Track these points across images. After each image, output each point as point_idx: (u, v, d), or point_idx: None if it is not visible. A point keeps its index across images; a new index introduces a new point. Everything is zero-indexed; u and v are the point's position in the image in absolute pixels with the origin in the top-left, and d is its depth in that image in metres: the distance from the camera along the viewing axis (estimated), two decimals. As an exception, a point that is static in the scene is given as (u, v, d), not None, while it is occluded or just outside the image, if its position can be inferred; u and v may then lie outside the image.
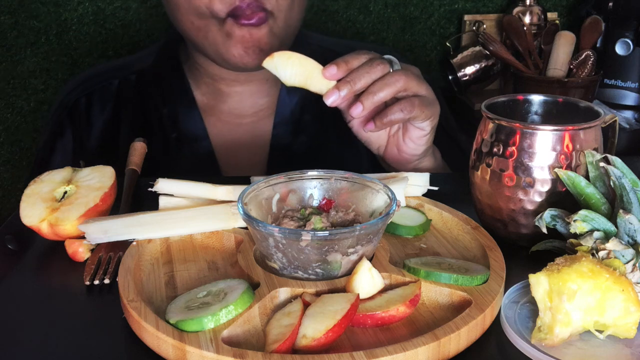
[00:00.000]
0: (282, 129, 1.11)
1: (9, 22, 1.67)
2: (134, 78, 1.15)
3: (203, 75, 1.11)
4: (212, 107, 1.12)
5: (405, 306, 0.58)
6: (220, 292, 0.59)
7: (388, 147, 0.95)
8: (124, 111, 1.14)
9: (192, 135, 1.10)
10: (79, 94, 1.15)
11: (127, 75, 1.16)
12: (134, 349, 0.56)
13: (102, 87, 1.15)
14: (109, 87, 1.15)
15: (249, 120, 1.12)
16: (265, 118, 1.12)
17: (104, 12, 1.70)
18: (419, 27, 1.82)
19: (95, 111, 1.14)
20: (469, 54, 1.72)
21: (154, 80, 1.14)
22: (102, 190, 0.75)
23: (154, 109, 1.12)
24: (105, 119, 1.13)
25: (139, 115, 1.13)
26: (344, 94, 0.81)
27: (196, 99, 1.12)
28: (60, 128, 1.14)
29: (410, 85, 0.85)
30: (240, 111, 1.12)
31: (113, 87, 1.15)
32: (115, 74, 1.16)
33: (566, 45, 1.41)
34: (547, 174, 0.68)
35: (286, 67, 0.82)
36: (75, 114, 1.14)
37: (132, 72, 1.16)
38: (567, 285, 0.54)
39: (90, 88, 1.15)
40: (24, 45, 1.70)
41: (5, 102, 1.73)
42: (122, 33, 1.72)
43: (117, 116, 1.13)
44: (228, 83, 1.11)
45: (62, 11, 1.69)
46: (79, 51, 1.72)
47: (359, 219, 0.67)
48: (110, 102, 1.14)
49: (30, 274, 0.70)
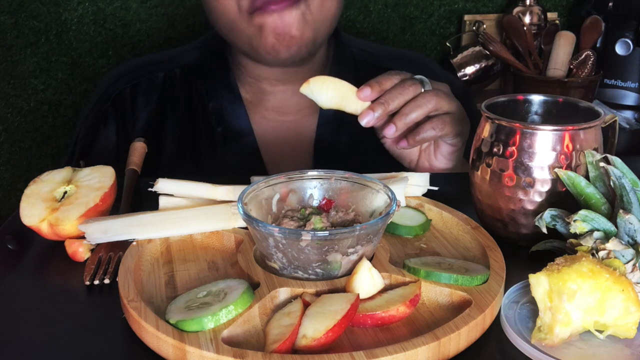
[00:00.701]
0: (326, 129, 1.12)
1: (9, 22, 1.67)
2: (178, 72, 1.15)
3: (246, 75, 1.12)
4: (256, 104, 1.13)
5: (405, 306, 0.58)
6: (220, 292, 0.59)
7: (419, 162, 0.98)
8: (169, 104, 1.14)
9: (238, 130, 1.11)
10: (124, 84, 1.15)
11: (172, 69, 1.16)
12: (134, 349, 0.56)
13: (147, 80, 1.15)
14: (154, 80, 1.15)
15: (293, 117, 1.13)
16: (309, 116, 1.13)
17: (104, 12, 1.70)
18: (419, 27, 1.82)
19: (140, 103, 1.14)
20: (469, 54, 1.72)
21: (200, 75, 1.14)
22: (102, 190, 0.75)
23: (200, 103, 1.13)
24: (150, 111, 1.14)
25: (185, 109, 1.13)
26: (377, 115, 0.86)
27: (242, 95, 1.12)
28: (104, 118, 1.14)
29: (441, 105, 0.89)
30: (284, 109, 1.13)
31: (158, 79, 1.15)
32: (159, 66, 1.16)
33: (566, 45, 1.41)
34: (547, 174, 0.68)
35: (321, 92, 0.86)
36: (120, 105, 1.14)
37: (177, 66, 1.16)
38: (567, 285, 0.54)
39: (135, 79, 1.15)
40: (24, 45, 1.70)
41: (5, 102, 1.73)
42: (122, 33, 1.72)
43: (162, 109, 1.14)
44: (271, 82, 1.12)
45: (62, 11, 1.69)
46: (79, 51, 1.72)
47: (359, 219, 0.67)
48: (155, 95, 1.14)
49: (30, 274, 0.70)
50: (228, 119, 1.11)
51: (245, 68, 1.12)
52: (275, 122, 1.13)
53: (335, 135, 1.13)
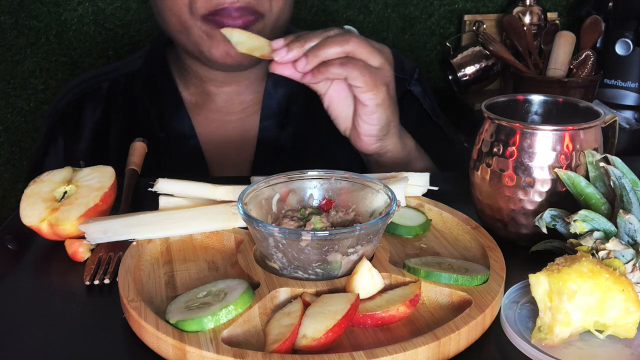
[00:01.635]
0: (269, 122, 1.12)
1: (9, 22, 1.67)
2: (123, 80, 1.16)
3: (192, 77, 1.12)
4: (200, 106, 1.13)
5: (405, 306, 0.58)
6: (220, 292, 0.59)
7: (352, 130, 0.94)
8: (114, 113, 1.14)
9: (180, 133, 1.11)
10: (70, 98, 1.16)
11: (117, 78, 1.16)
12: (134, 349, 0.56)
13: (92, 91, 1.16)
14: (99, 90, 1.15)
15: (237, 117, 1.13)
16: (253, 114, 1.13)
17: (104, 12, 1.70)
18: (419, 27, 1.82)
19: (86, 114, 1.14)
20: (469, 54, 1.72)
21: (143, 81, 1.14)
22: (102, 190, 0.75)
23: (143, 109, 1.13)
24: (96, 121, 1.14)
25: (128, 117, 1.14)
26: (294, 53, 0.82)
27: (184, 98, 1.12)
28: (53, 133, 1.15)
29: (361, 51, 0.84)
30: (228, 109, 1.13)
31: (103, 90, 1.16)
32: (104, 77, 1.17)
33: (566, 45, 1.41)
34: (547, 174, 0.68)
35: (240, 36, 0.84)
36: (67, 119, 1.15)
37: (122, 75, 1.17)
38: (567, 285, 0.54)
39: (80, 92, 1.16)
40: (24, 45, 1.70)
41: (5, 102, 1.73)
42: (122, 33, 1.72)
43: (107, 118, 1.14)
44: (216, 84, 1.11)
45: (62, 11, 1.69)
46: (79, 51, 1.72)
47: (359, 219, 0.67)
48: (101, 105, 1.15)
49: (30, 274, 0.70)
50: (170, 123, 1.11)
51: (191, 69, 1.11)
52: (219, 122, 1.12)
53: (279, 128, 1.11)
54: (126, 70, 1.17)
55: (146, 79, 1.14)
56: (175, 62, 1.13)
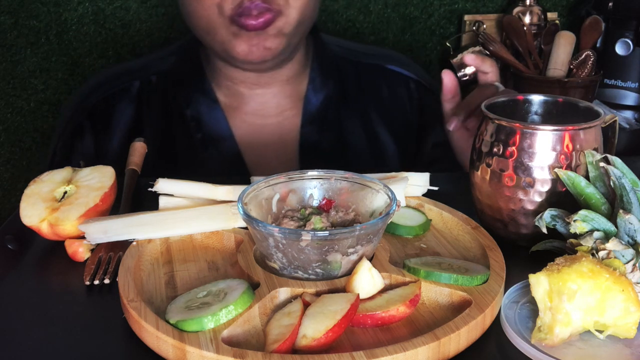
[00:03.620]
0: (310, 128, 1.12)
1: (9, 22, 1.67)
2: (154, 79, 1.15)
3: (223, 79, 1.12)
4: (235, 108, 1.12)
5: (405, 306, 0.58)
6: (220, 292, 0.59)
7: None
8: (146, 113, 1.13)
9: (217, 135, 1.10)
10: (99, 96, 1.14)
11: (148, 77, 1.15)
12: (134, 349, 0.56)
13: (122, 89, 1.14)
14: (130, 89, 1.14)
15: (275, 120, 1.13)
16: (292, 117, 1.13)
17: (104, 12, 1.70)
18: (419, 27, 1.82)
19: (116, 113, 1.13)
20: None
21: (176, 81, 1.14)
22: (102, 190, 0.75)
23: (177, 110, 1.12)
24: (127, 121, 1.13)
25: (163, 117, 1.13)
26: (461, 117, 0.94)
27: (219, 99, 1.12)
28: (80, 131, 1.13)
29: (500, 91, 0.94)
30: (265, 112, 1.13)
31: (134, 88, 1.14)
32: (135, 75, 1.16)
33: (566, 45, 1.41)
34: (547, 174, 0.68)
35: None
36: (96, 117, 1.13)
37: (152, 74, 1.15)
38: (567, 285, 0.54)
39: (110, 90, 1.14)
40: (24, 45, 1.70)
41: (5, 102, 1.72)
42: (122, 33, 1.72)
43: (139, 118, 1.13)
44: (248, 86, 1.11)
45: (62, 11, 1.68)
46: (79, 51, 1.72)
47: (359, 219, 0.67)
48: (132, 104, 1.14)
49: (30, 274, 0.70)
50: (206, 124, 1.11)
51: (222, 71, 1.11)
52: (257, 125, 1.12)
53: (320, 133, 1.12)
54: (157, 69, 1.16)
55: (180, 80, 1.14)
56: (207, 63, 1.13)
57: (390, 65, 1.21)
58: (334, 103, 1.14)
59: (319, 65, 1.15)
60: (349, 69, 1.19)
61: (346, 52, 1.21)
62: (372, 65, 1.20)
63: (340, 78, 1.17)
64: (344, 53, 1.20)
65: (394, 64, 1.22)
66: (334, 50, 1.19)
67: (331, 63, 1.17)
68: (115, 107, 1.13)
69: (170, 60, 1.17)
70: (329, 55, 1.18)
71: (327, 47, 1.18)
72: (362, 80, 1.19)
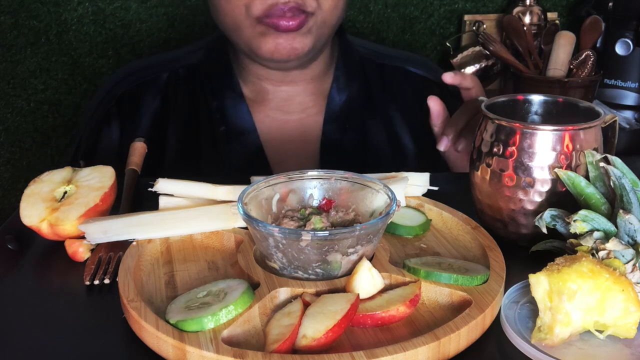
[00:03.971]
0: (332, 126, 1.13)
1: (9, 22, 1.67)
2: (182, 72, 1.16)
3: (249, 75, 1.13)
4: (260, 103, 1.13)
5: (405, 306, 0.58)
6: (220, 292, 0.59)
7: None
8: (173, 104, 1.14)
9: (240, 128, 1.11)
10: (128, 85, 1.15)
11: (176, 69, 1.16)
12: (134, 349, 0.56)
13: (151, 80, 1.15)
14: (158, 80, 1.15)
15: (298, 116, 1.13)
16: (314, 115, 1.14)
17: (104, 12, 1.70)
18: (419, 27, 1.82)
19: (144, 103, 1.14)
20: (469, 54, 1.72)
21: (204, 75, 1.15)
22: (102, 190, 0.75)
23: (203, 103, 1.13)
24: (154, 111, 1.14)
25: (188, 109, 1.14)
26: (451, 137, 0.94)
27: (244, 94, 1.13)
28: (108, 118, 1.14)
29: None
30: (288, 108, 1.13)
31: (162, 80, 1.15)
32: (164, 67, 1.17)
33: (566, 45, 1.41)
34: (547, 174, 0.68)
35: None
36: (124, 105, 1.14)
37: (181, 66, 1.17)
38: (567, 285, 0.54)
39: (138, 80, 1.16)
40: (24, 45, 1.70)
41: (5, 102, 1.72)
42: (122, 33, 1.72)
43: (165, 109, 1.14)
44: (274, 83, 1.12)
45: (62, 11, 1.68)
46: (79, 51, 1.72)
47: (359, 219, 0.67)
48: (159, 95, 1.15)
49: (30, 274, 0.70)
50: (231, 118, 1.12)
51: (248, 67, 1.12)
52: (280, 120, 1.13)
53: (342, 132, 1.13)
54: (185, 62, 1.17)
55: (208, 73, 1.15)
56: (234, 58, 1.14)
57: (414, 68, 1.22)
58: (357, 103, 1.15)
59: (343, 65, 1.16)
60: (373, 70, 1.20)
61: (371, 54, 1.22)
62: (396, 67, 1.21)
63: (365, 79, 1.18)
64: (368, 54, 1.21)
65: (418, 67, 1.23)
66: (359, 52, 1.20)
67: (356, 64, 1.18)
68: (142, 97, 1.14)
69: (198, 55, 1.18)
70: (354, 56, 1.19)
71: (353, 48, 1.19)
72: (385, 81, 1.20)
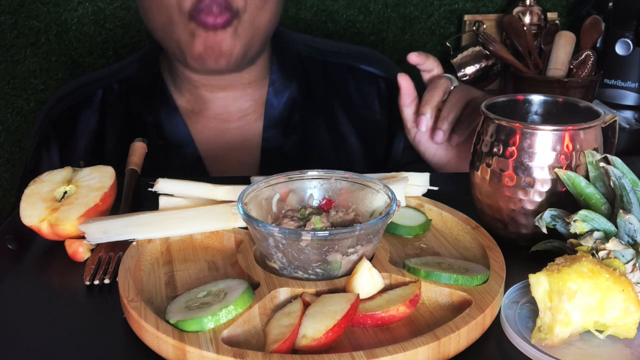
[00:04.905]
0: (273, 131, 1.11)
1: (9, 22, 1.67)
2: (117, 87, 1.15)
3: (184, 83, 1.11)
4: (197, 113, 1.12)
5: (405, 306, 0.58)
6: (220, 292, 0.59)
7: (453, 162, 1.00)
8: (110, 121, 1.14)
9: (178, 141, 1.10)
10: (64, 106, 1.15)
11: (111, 84, 1.15)
12: (134, 349, 0.56)
13: (86, 98, 1.15)
14: (93, 98, 1.15)
15: (237, 124, 1.12)
16: (253, 121, 1.12)
17: (104, 12, 1.70)
18: (419, 27, 1.82)
19: (80, 123, 1.14)
20: (469, 54, 1.72)
21: (136, 88, 1.14)
22: (102, 190, 0.75)
23: (138, 117, 1.12)
24: (91, 129, 1.13)
25: (125, 124, 1.13)
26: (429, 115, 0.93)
27: (179, 105, 1.11)
28: (46, 141, 1.14)
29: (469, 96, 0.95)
30: (227, 116, 1.12)
31: (97, 97, 1.15)
32: (98, 83, 1.16)
33: (566, 45, 1.41)
34: (547, 174, 0.68)
35: None
36: (61, 127, 1.14)
37: (116, 81, 1.15)
38: (567, 285, 0.54)
39: (74, 100, 1.15)
40: (24, 45, 1.70)
41: (5, 102, 1.72)
42: (122, 33, 1.72)
43: (103, 126, 1.13)
44: (209, 89, 1.11)
45: (62, 11, 1.68)
46: (79, 51, 1.72)
47: (359, 219, 0.67)
48: (96, 113, 1.14)
49: (30, 274, 0.70)
50: (167, 131, 1.10)
51: (183, 75, 1.10)
52: (218, 129, 1.11)
53: (284, 137, 1.11)
54: (120, 76, 1.16)
55: (140, 87, 1.14)
56: (168, 68, 1.13)
57: (360, 64, 1.19)
58: (298, 105, 1.13)
59: (279, 67, 1.13)
60: (315, 69, 1.17)
61: (312, 51, 1.19)
62: (341, 64, 1.19)
63: (305, 79, 1.15)
64: (310, 52, 1.19)
65: (365, 63, 1.20)
66: (299, 49, 1.18)
67: (294, 63, 1.16)
68: (79, 117, 1.14)
69: (132, 68, 1.17)
70: (291, 55, 1.16)
71: (290, 47, 1.17)
72: (328, 79, 1.17)
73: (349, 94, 1.17)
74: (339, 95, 1.17)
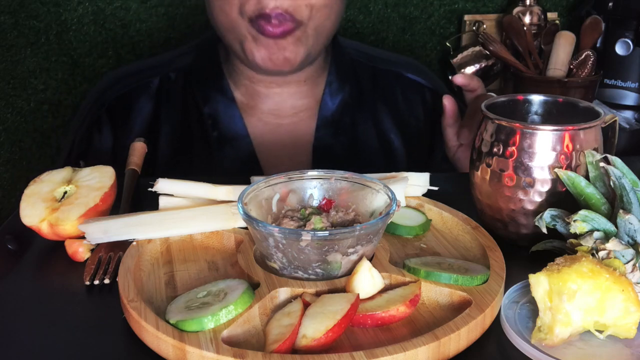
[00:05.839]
0: (325, 131, 1.12)
1: (9, 22, 1.67)
2: (173, 76, 1.15)
3: (241, 77, 1.12)
4: (252, 107, 1.12)
5: (405, 306, 0.58)
6: (220, 292, 0.59)
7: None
8: (164, 110, 1.14)
9: (233, 134, 1.10)
10: (118, 91, 1.15)
11: (167, 73, 1.15)
12: (134, 349, 0.56)
13: (141, 85, 1.15)
14: (150, 85, 1.15)
15: (290, 120, 1.13)
16: (307, 119, 1.13)
17: (104, 12, 1.70)
18: (419, 27, 1.82)
19: (136, 109, 1.14)
20: (469, 54, 1.72)
21: (194, 79, 1.14)
22: (102, 190, 0.75)
23: (195, 107, 1.12)
24: (145, 117, 1.13)
25: (181, 114, 1.13)
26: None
27: (235, 98, 1.12)
28: (99, 124, 1.14)
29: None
30: (280, 112, 1.13)
31: (153, 85, 1.15)
32: (155, 71, 1.16)
33: (566, 45, 1.40)
34: (547, 174, 0.68)
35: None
36: (115, 112, 1.14)
37: (172, 70, 1.16)
38: (567, 285, 0.54)
39: (130, 85, 1.15)
40: (24, 45, 1.70)
41: (5, 102, 1.72)
42: (122, 33, 1.72)
43: (157, 114, 1.14)
44: (265, 85, 1.11)
45: (62, 11, 1.68)
46: (79, 51, 1.72)
47: (359, 219, 0.67)
48: (151, 101, 1.14)
49: (30, 274, 0.70)
50: (223, 123, 1.11)
51: (240, 70, 1.11)
52: (272, 125, 1.12)
53: (334, 137, 1.13)
54: (176, 66, 1.16)
55: (198, 77, 1.14)
56: (225, 61, 1.13)
57: (407, 73, 1.22)
58: (350, 107, 1.15)
59: (336, 69, 1.15)
60: (364, 73, 1.19)
61: (363, 57, 1.21)
62: (389, 71, 1.21)
63: (356, 82, 1.17)
64: (361, 57, 1.21)
65: (411, 72, 1.22)
66: (351, 54, 1.20)
67: (348, 67, 1.18)
68: (134, 103, 1.14)
69: (189, 58, 1.17)
70: (346, 59, 1.18)
71: (345, 51, 1.18)
72: (377, 85, 1.19)
73: (395, 100, 1.19)
74: (386, 101, 1.18)
